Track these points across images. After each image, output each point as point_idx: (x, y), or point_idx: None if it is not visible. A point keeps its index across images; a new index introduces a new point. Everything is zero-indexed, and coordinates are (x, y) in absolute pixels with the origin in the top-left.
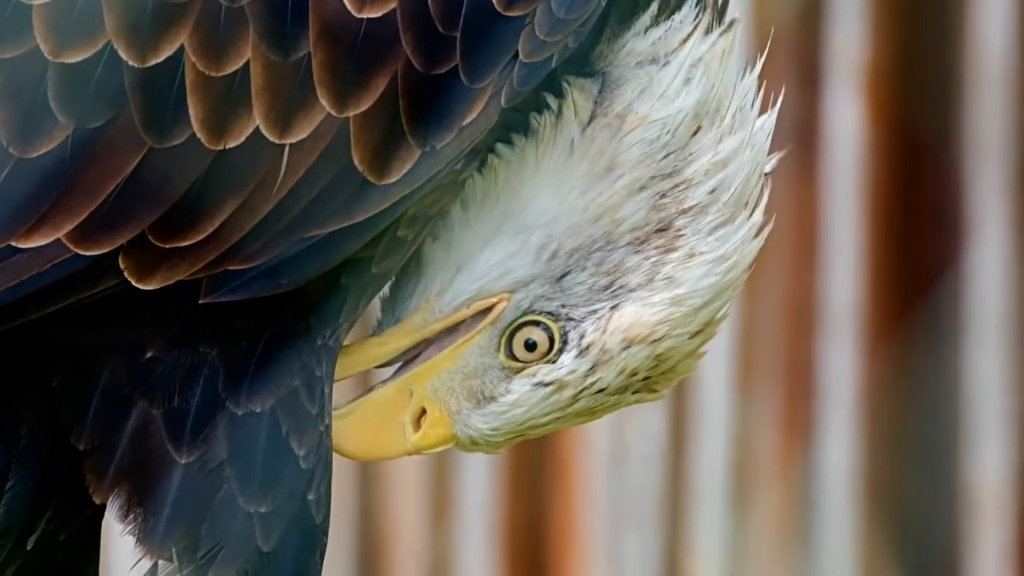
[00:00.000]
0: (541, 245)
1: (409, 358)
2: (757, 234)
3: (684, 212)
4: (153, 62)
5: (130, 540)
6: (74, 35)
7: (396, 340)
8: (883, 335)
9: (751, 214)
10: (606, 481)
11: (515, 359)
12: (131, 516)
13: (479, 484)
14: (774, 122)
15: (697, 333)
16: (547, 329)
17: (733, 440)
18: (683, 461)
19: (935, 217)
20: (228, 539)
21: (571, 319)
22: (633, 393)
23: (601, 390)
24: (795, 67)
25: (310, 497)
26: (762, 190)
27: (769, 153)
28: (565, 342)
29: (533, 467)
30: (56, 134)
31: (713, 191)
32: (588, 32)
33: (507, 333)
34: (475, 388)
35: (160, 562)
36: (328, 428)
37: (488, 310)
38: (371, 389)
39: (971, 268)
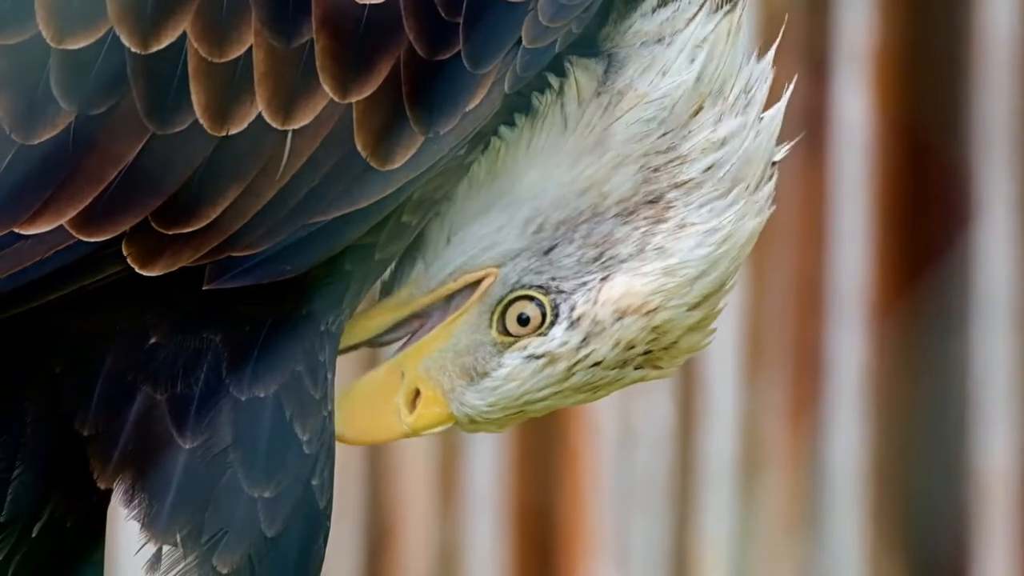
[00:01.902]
0: (527, 218)
1: (402, 337)
2: (758, 213)
3: (677, 186)
4: (155, 48)
5: (134, 525)
6: (76, 21)
7: (384, 314)
8: (890, 319)
9: (750, 194)
10: (613, 465)
11: (508, 334)
12: (135, 501)
13: (487, 468)
14: (783, 112)
15: (696, 306)
16: (539, 303)
17: (740, 423)
18: (690, 445)
19: (942, 201)
20: (232, 524)
21: (561, 291)
22: (636, 369)
23: (597, 363)
24: (803, 53)
25: (314, 482)
26: (767, 174)
27: (778, 143)
28: (556, 315)
29: (541, 451)
30: (58, 120)
31: (709, 168)
32: (593, 16)
33: (499, 308)
34: (467, 365)
35: (164, 547)
36: (331, 413)
37: (475, 284)
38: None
39: (978, 252)
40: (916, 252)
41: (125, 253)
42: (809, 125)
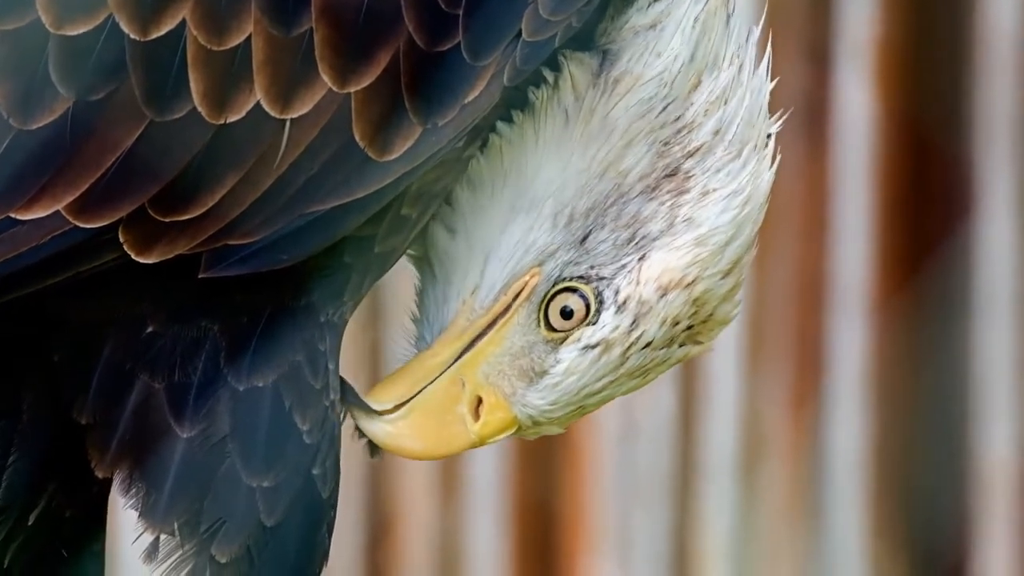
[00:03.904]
0: (555, 212)
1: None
2: (769, 167)
3: (690, 154)
4: (155, 35)
5: (132, 514)
6: (76, 7)
7: (447, 346)
8: (892, 311)
9: (759, 152)
10: (615, 458)
11: (555, 330)
12: (133, 491)
13: (488, 461)
14: (769, 65)
15: (728, 272)
16: (580, 293)
17: (742, 416)
18: (692, 438)
19: (943, 194)
20: (230, 514)
21: (602, 278)
22: (680, 346)
23: (648, 343)
24: (805, 45)
25: (315, 472)
26: (767, 133)
27: (779, 137)
28: (601, 301)
29: (542, 444)
30: (57, 106)
31: (716, 131)
32: (592, 11)
33: (542, 307)
34: (525, 366)
35: (162, 537)
36: (334, 403)
37: (522, 289)
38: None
39: (979, 244)
40: (917, 244)
41: (122, 240)
42: (811, 118)
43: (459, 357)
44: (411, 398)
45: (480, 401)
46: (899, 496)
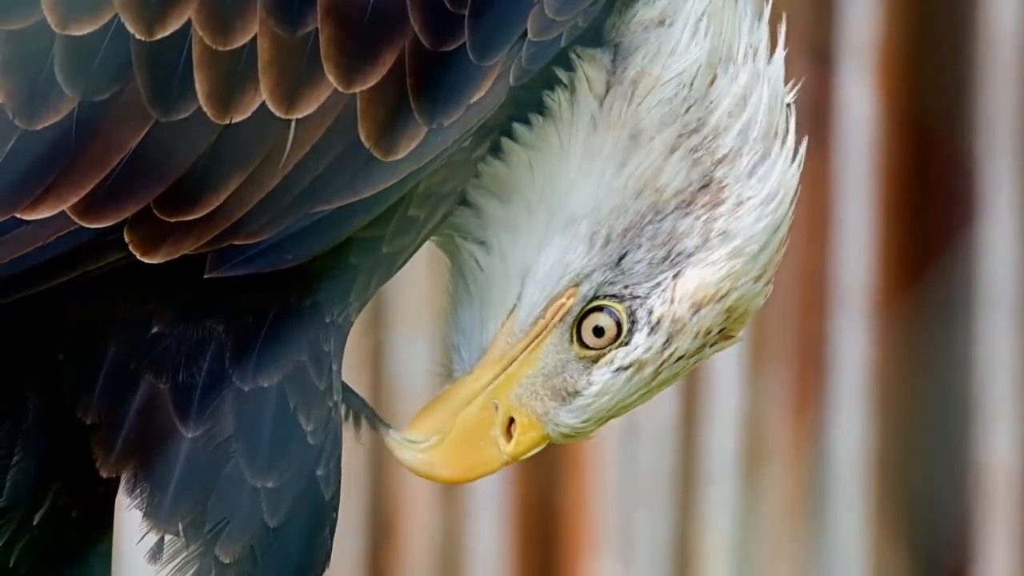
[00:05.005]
0: (592, 233)
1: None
2: (794, 161)
3: (720, 161)
4: (160, 35)
5: (136, 514)
6: (81, 7)
7: (488, 371)
8: (894, 313)
9: (783, 143)
10: (617, 459)
11: (587, 347)
12: (138, 490)
13: None
14: (784, 53)
15: (761, 276)
16: (612, 312)
17: (744, 418)
18: (694, 439)
19: (946, 195)
20: (234, 514)
21: (636, 297)
22: (711, 346)
23: (680, 357)
24: (807, 47)
25: (319, 473)
26: (787, 117)
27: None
28: (634, 321)
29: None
30: (62, 106)
31: (741, 132)
32: (599, 10)
33: (575, 324)
34: (558, 386)
35: (166, 537)
36: (337, 404)
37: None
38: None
39: (982, 246)
40: (920, 246)
41: (127, 240)
42: (813, 119)
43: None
44: (440, 427)
45: (512, 421)
46: (901, 498)
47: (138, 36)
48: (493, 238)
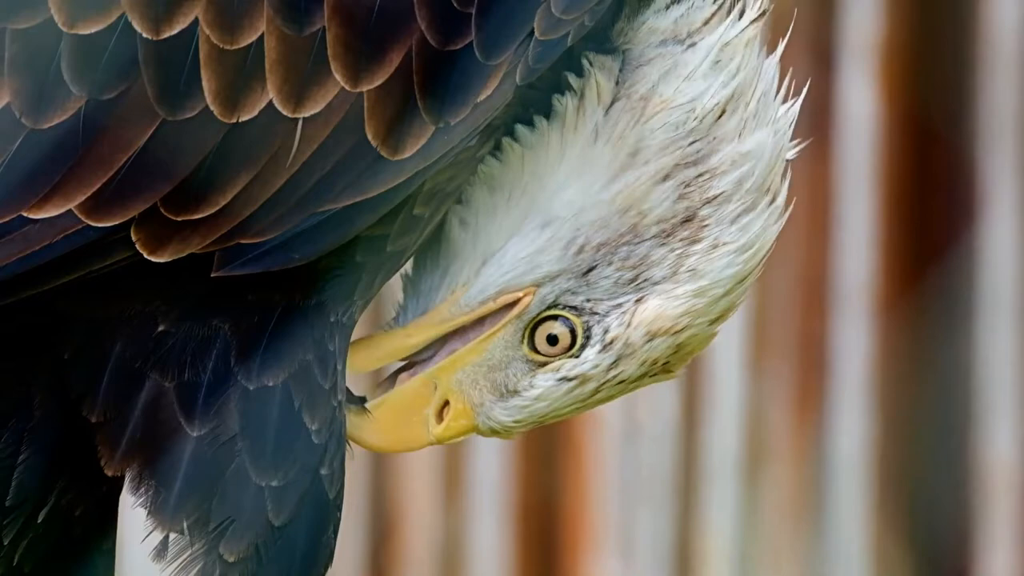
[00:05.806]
0: (569, 239)
1: (434, 351)
2: (778, 219)
3: (709, 201)
4: (167, 34)
5: (141, 512)
6: (88, 6)
7: (423, 332)
8: (895, 313)
9: (772, 200)
10: (618, 459)
11: (537, 352)
12: (143, 489)
13: (491, 462)
14: (797, 110)
15: (716, 320)
16: (568, 323)
17: (745, 418)
18: (695, 439)
19: (947, 196)
20: (239, 513)
21: (595, 313)
22: (650, 376)
23: (622, 380)
24: (809, 47)
25: (323, 471)
26: (783, 175)
27: (790, 140)
28: (588, 337)
29: (545, 445)
30: (69, 105)
31: (737, 180)
32: (606, 10)
33: (529, 326)
34: (499, 381)
35: (171, 535)
36: (341, 403)
37: (514, 303)
38: (386, 380)
39: (983, 246)
40: (922, 246)
41: (134, 239)
42: (815, 119)
43: (431, 356)
44: (378, 393)
45: (446, 404)
46: (902, 498)
47: (145, 35)
48: (472, 218)
